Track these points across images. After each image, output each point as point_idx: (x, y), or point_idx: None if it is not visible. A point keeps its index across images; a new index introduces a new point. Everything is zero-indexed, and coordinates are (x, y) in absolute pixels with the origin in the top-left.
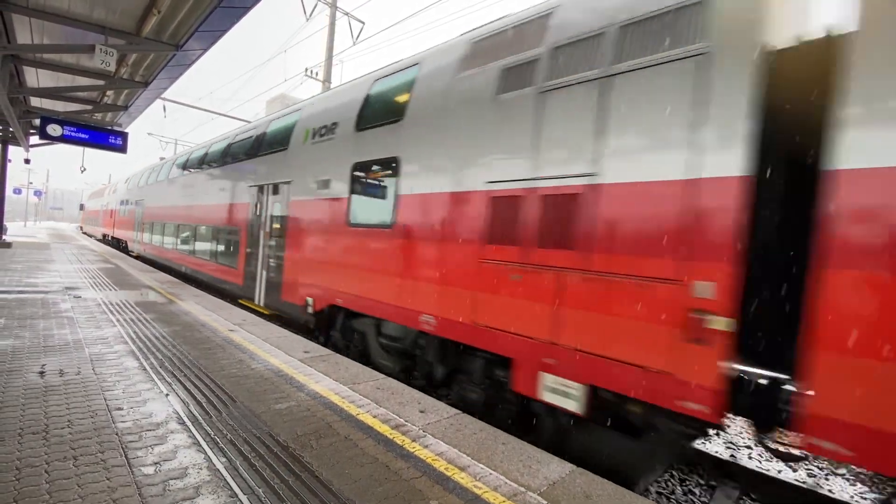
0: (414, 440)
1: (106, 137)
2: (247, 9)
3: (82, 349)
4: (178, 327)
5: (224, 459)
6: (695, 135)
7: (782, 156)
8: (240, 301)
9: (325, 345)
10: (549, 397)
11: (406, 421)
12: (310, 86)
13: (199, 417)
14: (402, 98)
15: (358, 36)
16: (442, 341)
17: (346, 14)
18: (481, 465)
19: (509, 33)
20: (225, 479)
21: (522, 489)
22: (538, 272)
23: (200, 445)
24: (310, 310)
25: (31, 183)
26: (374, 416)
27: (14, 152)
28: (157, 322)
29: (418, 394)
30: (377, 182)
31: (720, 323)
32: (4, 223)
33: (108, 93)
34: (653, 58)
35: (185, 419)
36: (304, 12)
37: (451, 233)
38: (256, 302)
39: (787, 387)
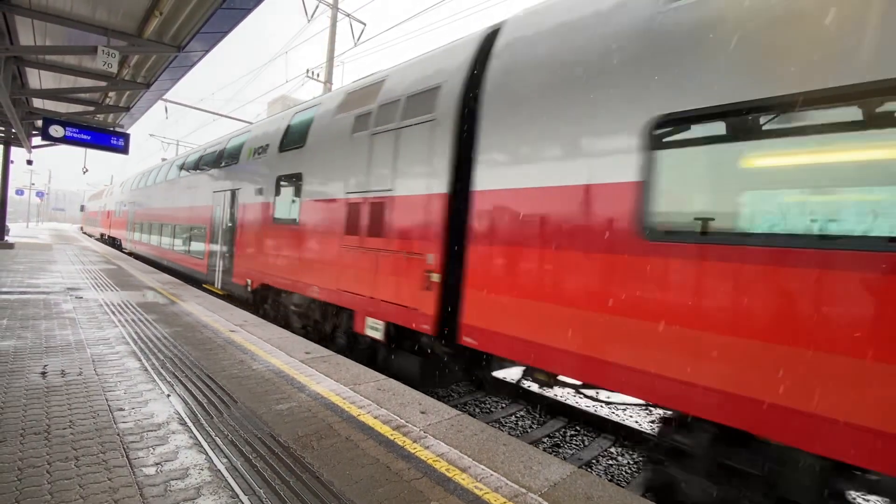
0: (415, 441)
1: (108, 138)
2: (248, 10)
3: (84, 350)
4: (180, 328)
5: (225, 460)
6: (428, 168)
7: (460, 182)
8: (204, 286)
9: (264, 316)
10: (369, 332)
11: (407, 422)
12: (311, 87)
13: (201, 418)
14: (305, 129)
15: (359, 37)
16: (323, 304)
17: (348, 15)
18: (482, 467)
19: (363, 90)
20: (226, 480)
21: (523, 490)
22: (366, 252)
23: (202, 446)
24: (249, 289)
25: (33, 184)
26: (375, 417)
27: (16, 153)
28: (159, 323)
29: (419, 395)
30: (290, 190)
31: (436, 277)
32: (7, 224)
33: (110, 94)
34: (415, 119)
35: (187, 420)
36: (306, 14)
37: (327, 227)
38: (216, 286)
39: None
